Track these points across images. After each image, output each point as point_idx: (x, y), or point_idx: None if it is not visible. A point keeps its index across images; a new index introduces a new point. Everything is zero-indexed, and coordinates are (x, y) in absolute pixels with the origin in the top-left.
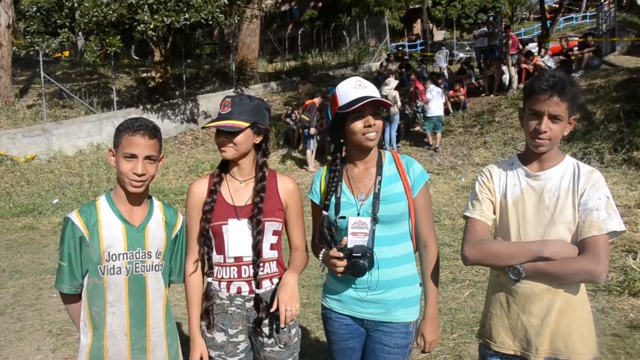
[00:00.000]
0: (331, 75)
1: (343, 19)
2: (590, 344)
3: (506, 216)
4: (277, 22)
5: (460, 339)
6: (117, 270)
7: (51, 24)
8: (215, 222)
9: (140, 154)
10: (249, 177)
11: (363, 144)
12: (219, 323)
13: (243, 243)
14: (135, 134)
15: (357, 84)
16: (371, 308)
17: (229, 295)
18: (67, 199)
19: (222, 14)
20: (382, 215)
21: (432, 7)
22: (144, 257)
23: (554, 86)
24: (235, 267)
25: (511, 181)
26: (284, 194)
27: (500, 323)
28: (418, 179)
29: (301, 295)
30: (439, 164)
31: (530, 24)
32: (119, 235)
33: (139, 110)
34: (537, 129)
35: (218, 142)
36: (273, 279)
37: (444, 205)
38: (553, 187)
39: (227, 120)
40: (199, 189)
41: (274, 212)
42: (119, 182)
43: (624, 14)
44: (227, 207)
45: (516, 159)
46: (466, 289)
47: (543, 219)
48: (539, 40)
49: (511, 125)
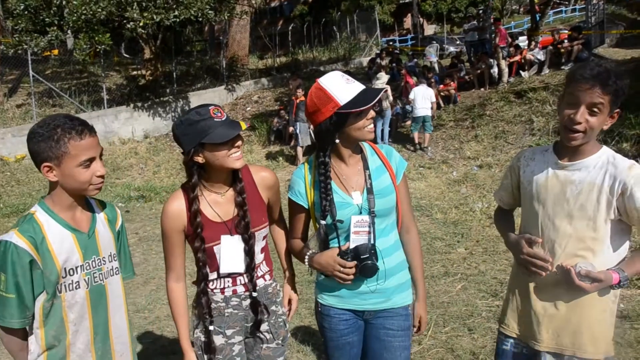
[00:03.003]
0: (322, 70)
1: (333, 14)
2: (602, 344)
3: (529, 203)
4: (267, 18)
5: (453, 332)
6: (75, 285)
7: (39, 22)
8: (207, 244)
9: (96, 154)
10: (229, 187)
11: (366, 138)
12: (216, 327)
13: (237, 259)
14: (82, 136)
15: (345, 79)
16: (372, 299)
17: (224, 297)
18: None
19: (212, 10)
20: (378, 209)
21: (423, 1)
22: (100, 264)
23: (597, 76)
24: (230, 278)
25: (539, 167)
26: (264, 190)
27: (511, 308)
28: (399, 166)
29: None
30: (431, 158)
31: (521, 17)
32: (71, 247)
33: (130, 108)
34: (572, 118)
35: (231, 152)
36: (265, 276)
37: (436, 199)
38: (577, 179)
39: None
40: (177, 208)
41: (260, 219)
42: (69, 191)
43: (612, 7)
44: (215, 225)
45: (551, 146)
46: (458, 282)
47: (561, 211)
48: (529, 34)
49: (502, 118)
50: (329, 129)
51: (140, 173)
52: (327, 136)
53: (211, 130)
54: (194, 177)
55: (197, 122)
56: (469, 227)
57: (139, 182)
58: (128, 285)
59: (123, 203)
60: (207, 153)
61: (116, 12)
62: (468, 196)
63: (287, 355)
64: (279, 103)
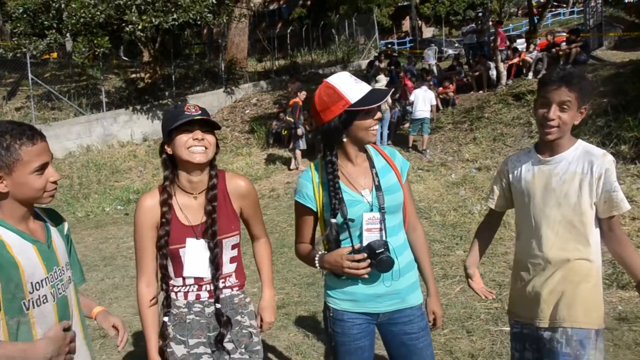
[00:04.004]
0: (321, 73)
1: (332, 17)
2: (595, 315)
3: (521, 198)
4: (265, 21)
5: (451, 335)
6: (42, 299)
7: (38, 26)
8: (172, 245)
9: (49, 159)
10: (202, 190)
11: (370, 140)
12: (177, 335)
13: (202, 264)
14: (34, 141)
15: (354, 79)
16: (386, 301)
17: (186, 302)
18: (57, 201)
19: (211, 13)
20: (387, 206)
21: (421, 4)
22: (61, 274)
23: (562, 78)
24: (196, 285)
25: (525, 168)
26: (236, 198)
27: (515, 294)
28: (403, 166)
29: (293, 294)
30: (429, 161)
31: (519, 20)
32: (35, 260)
33: (129, 111)
34: (546, 116)
35: (189, 142)
36: (233, 288)
37: (434, 202)
38: (561, 171)
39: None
40: (150, 205)
41: (229, 227)
42: (21, 201)
43: (610, 9)
44: (183, 228)
45: (532, 148)
46: (457, 284)
47: (549, 200)
48: (527, 36)
49: (500, 121)
50: (337, 127)
51: (139, 176)
52: (335, 134)
53: (179, 119)
54: (167, 169)
55: (172, 114)
56: (467, 229)
57: (138, 184)
58: (128, 288)
59: (122, 206)
60: (173, 144)
61: (115, 15)
62: (466, 199)
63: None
64: (277, 106)
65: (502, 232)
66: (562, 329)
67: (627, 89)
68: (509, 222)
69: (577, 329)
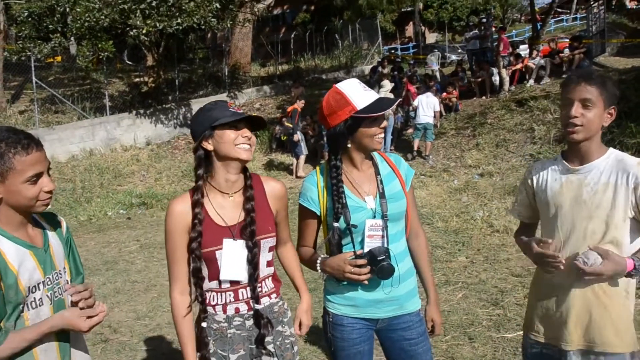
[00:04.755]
0: (324, 78)
1: (335, 22)
2: (628, 337)
3: (547, 210)
4: (269, 25)
5: (453, 341)
6: (38, 302)
7: (43, 29)
8: (207, 248)
9: (43, 169)
10: (237, 189)
11: (374, 147)
12: (218, 350)
13: (239, 266)
14: (29, 151)
15: (363, 86)
16: (385, 307)
17: (226, 317)
18: (59, 205)
19: (215, 18)
20: (391, 213)
21: (424, 9)
22: (58, 277)
23: (581, 75)
24: (232, 291)
25: (552, 176)
26: (273, 200)
27: (536, 313)
28: (408, 174)
29: (295, 299)
30: (432, 167)
31: (522, 26)
32: (32, 265)
33: (132, 115)
34: (569, 114)
35: (238, 139)
36: (271, 295)
37: (437, 208)
38: (592, 181)
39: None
40: (182, 210)
41: (267, 228)
42: (15, 208)
43: (613, 16)
44: (218, 228)
45: (559, 156)
46: (459, 291)
47: (580, 212)
48: (530, 42)
49: (503, 127)
50: (343, 132)
51: (141, 180)
52: (340, 139)
53: (223, 116)
54: (201, 167)
55: (213, 109)
56: (469, 235)
57: (141, 189)
58: (130, 292)
59: (124, 210)
60: (215, 139)
61: (119, 19)
62: (469, 205)
63: None
64: (280, 111)
65: (505, 238)
66: (593, 355)
67: (630, 96)
68: (512, 229)
69: (610, 354)
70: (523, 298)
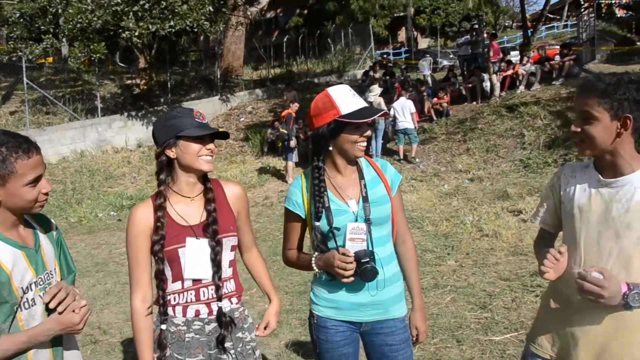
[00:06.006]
0: (316, 82)
1: (328, 27)
2: None
3: (570, 222)
4: (262, 29)
5: (441, 344)
6: (31, 302)
7: (35, 30)
8: (170, 246)
9: (42, 172)
10: (198, 193)
11: (355, 154)
12: (175, 354)
13: (203, 264)
14: (29, 155)
15: (352, 93)
16: (369, 310)
17: (185, 320)
18: (50, 206)
19: (208, 21)
20: (374, 217)
21: (417, 15)
22: (49, 277)
23: (582, 85)
24: (194, 290)
25: (581, 187)
26: (234, 201)
27: (544, 326)
28: (394, 179)
29: (285, 302)
30: (423, 171)
31: (513, 32)
32: (23, 265)
33: (124, 117)
34: (570, 129)
35: (202, 152)
36: (232, 299)
37: (427, 212)
38: (624, 197)
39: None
40: (144, 215)
41: (229, 227)
42: (13, 210)
43: (603, 24)
44: (181, 228)
45: (591, 162)
46: (448, 294)
47: (607, 230)
48: (521, 49)
49: (493, 132)
50: (325, 135)
51: (132, 182)
52: (322, 141)
53: (189, 127)
54: (163, 172)
55: (178, 117)
56: (459, 239)
57: (132, 190)
58: (120, 294)
59: (115, 212)
60: (179, 148)
61: (112, 21)
62: (459, 209)
63: None
64: (272, 114)
65: (494, 242)
66: None
67: None
68: (501, 233)
69: None
70: (511, 302)
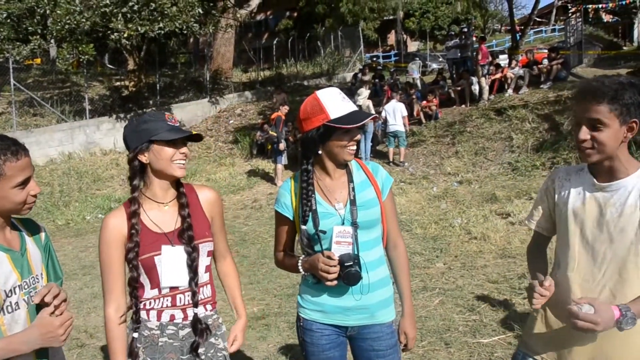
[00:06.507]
0: (306, 85)
1: (318, 30)
2: None
3: (564, 227)
4: (252, 31)
5: (430, 347)
6: (14, 306)
7: (22, 31)
8: (145, 254)
9: (31, 173)
10: (172, 199)
11: (345, 158)
12: (148, 358)
13: (180, 271)
14: (18, 157)
15: (342, 97)
16: (355, 314)
17: (159, 324)
18: (37, 209)
19: (197, 23)
20: (361, 221)
21: (406, 18)
22: (35, 282)
23: (590, 89)
24: (170, 296)
25: (575, 191)
26: (207, 206)
27: (537, 327)
28: (385, 182)
29: (273, 305)
30: (412, 174)
31: (502, 36)
32: (7, 268)
33: (112, 119)
34: (577, 138)
35: (175, 156)
36: (207, 305)
37: (416, 215)
38: (618, 201)
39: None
40: (117, 223)
41: (204, 233)
42: (1, 213)
43: (590, 28)
44: (155, 236)
45: (585, 167)
46: (436, 297)
47: (600, 234)
48: (509, 52)
49: (482, 135)
50: (314, 139)
51: (121, 184)
52: (311, 145)
53: (161, 131)
54: (136, 178)
55: (150, 121)
56: (448, 242)
57: (120, 193)
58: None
59: (103, 214)
60: (152, 153)
61: (101, 22)
62: (448, 212)
63: None
64: (262, 117)
65: (482, 245)
66: None
67: None
68: (489, 236)
69: None
70: (499, 304)
